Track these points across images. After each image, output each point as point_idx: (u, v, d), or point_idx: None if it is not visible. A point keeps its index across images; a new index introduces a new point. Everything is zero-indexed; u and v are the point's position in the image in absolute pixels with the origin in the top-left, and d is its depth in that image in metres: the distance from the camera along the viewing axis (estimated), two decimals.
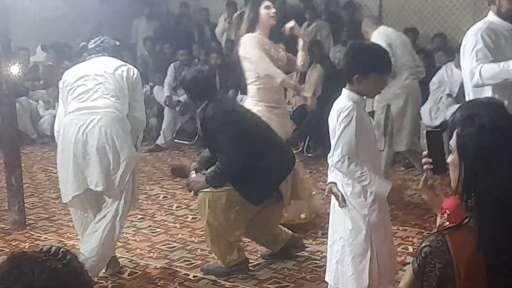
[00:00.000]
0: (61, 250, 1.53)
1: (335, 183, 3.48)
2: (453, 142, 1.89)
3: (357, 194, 3.40)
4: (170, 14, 11.98)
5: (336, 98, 3.50)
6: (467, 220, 1.84)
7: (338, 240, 3.49)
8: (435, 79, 7.74)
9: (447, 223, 2.06)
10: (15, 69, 6.08)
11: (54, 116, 5.28)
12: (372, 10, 9.81)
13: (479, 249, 1.77)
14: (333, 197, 3.52)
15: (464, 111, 1.89)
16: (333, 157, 3.37)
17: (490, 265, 1.77)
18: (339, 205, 3.45)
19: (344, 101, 3.39)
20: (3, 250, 5.05)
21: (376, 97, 4.30)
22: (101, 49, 4.49)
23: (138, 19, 11.39)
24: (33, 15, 10.90)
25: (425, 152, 2.08)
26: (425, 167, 2.08)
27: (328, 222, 3.68)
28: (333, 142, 3.37)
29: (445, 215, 2.20)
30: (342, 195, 3.43)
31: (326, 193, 3.62)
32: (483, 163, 1.79)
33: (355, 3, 9.84)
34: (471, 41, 3.86)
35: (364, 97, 3.49)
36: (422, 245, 1.81)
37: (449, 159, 1.92)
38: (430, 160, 2.06)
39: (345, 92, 3.42)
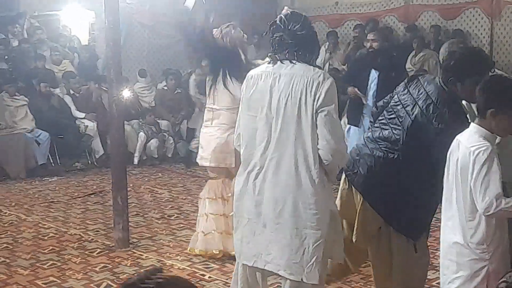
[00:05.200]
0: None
1: None
2: None
3: (481, 240, 3.17)
4: None
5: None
6: None
7: (451, 284, 3.30)
8: None
9: None
10: (126, 93, 6.41)
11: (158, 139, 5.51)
12: (483, 39, 9.55)
13: None
14: (444, 239, 3.37)
15: None
16: (479, 205, 3.08)
17: None
18: None
19: (477, 138, 3.14)
20: (107, 267, 5.27)
21: None
22: None
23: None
24: (148, 42, 11.42)
25: None
26: None
27: None
28: (474, 187, 3.09)
29: None
30: None
31: None
32: None
33: (465, 32, 9.61)
34: None
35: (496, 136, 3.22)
36: (499, 281, 1.77)
37: None
38: None
39: (475, 127, 3.19)
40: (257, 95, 3.44)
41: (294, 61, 3.39)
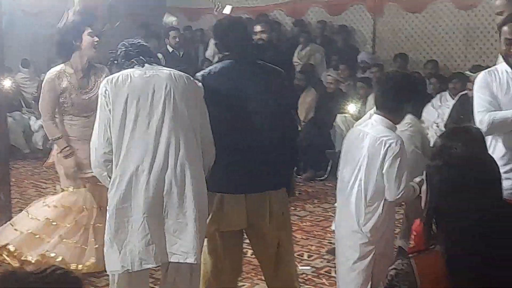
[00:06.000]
0: (55, 269, 1.53)
1: None
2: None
3: (374, 225, 3.37)
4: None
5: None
6: (433, 246, 1.86)
7: (342, 267, 3.53)
8: (430, 108, 7.80)
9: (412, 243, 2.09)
10: (7, 83, 6.14)
11: None
12: (366, 35, 9.92)
13: (446, 272, 1.78)
14: (337, 231, 3.56)
15: (440, 141, 1.91)
16: (392, 193, 3.27)
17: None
18: None
19: (383, 129, 3.31)
20: None
21: None
22: None
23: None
24: (31, 30, 10.98)
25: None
26: None
27: None
28: (388, 176, 3.25)
29: (412, 236, 2.22)
30: None
31: None
32: (446, 195, 1.81)
33: (349, 28, 9.94)
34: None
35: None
36: (389, 268, 1.84)
37: (423, 187, 1.94)
38: None
39: (378, 118, 3.34)
40: (133, 94, 3.48)
41: (154, 64, 3.67)
